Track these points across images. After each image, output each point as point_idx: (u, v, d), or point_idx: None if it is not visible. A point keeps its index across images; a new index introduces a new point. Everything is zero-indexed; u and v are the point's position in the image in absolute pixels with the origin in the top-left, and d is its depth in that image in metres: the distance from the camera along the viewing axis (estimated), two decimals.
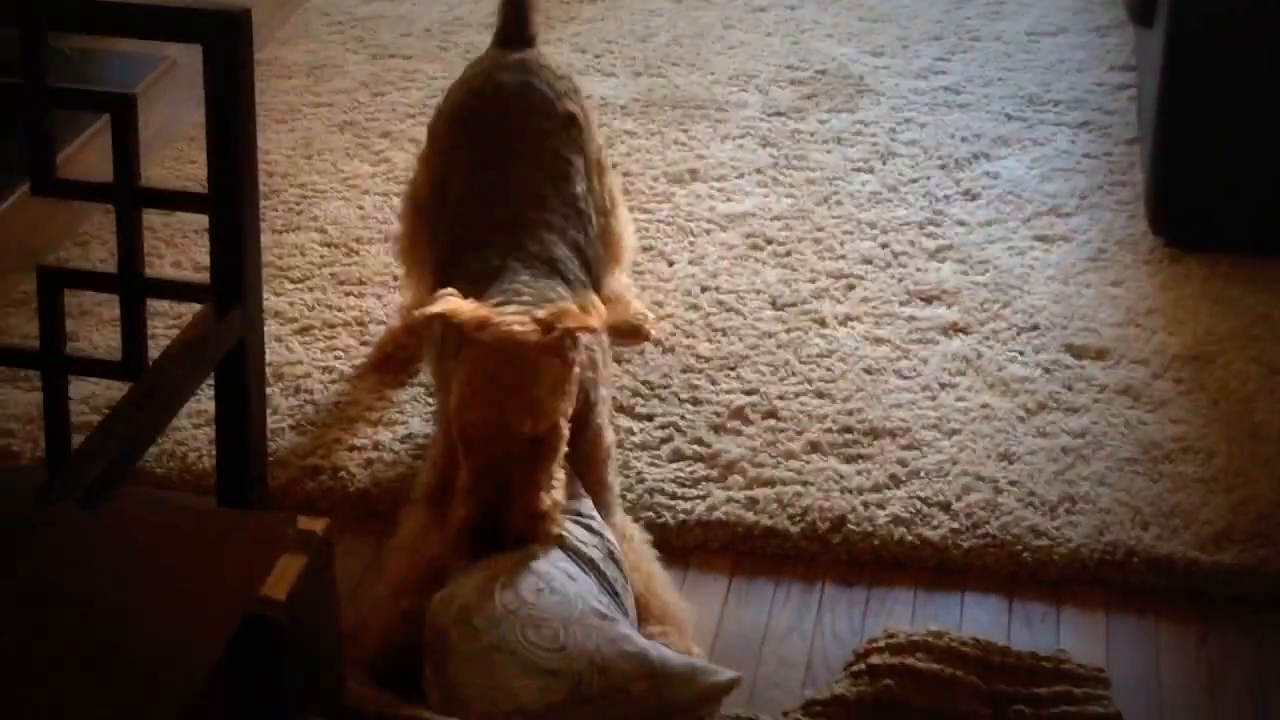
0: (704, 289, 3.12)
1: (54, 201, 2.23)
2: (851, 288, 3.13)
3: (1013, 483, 2.60)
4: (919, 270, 3.18)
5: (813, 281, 3.14)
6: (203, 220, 1.93)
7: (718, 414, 2.77)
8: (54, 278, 1.82)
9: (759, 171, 3.52)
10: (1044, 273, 3.16)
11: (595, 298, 2.29)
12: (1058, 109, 3.75)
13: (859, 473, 2.63)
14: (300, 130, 3.71)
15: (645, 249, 3.25)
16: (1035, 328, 2.99)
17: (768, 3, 4.31)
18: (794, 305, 3.07)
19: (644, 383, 2.84)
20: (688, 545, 2.54)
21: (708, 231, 3.31)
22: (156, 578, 1.26)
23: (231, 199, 1.71)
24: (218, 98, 1.70)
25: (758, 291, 3.11)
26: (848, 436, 2.72)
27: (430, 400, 2.78)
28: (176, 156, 3.58)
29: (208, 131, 1.72)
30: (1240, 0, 3.02)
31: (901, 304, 3.08)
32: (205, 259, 2.13)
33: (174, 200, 1.87)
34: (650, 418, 2.77)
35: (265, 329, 2.93)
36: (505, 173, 2.60)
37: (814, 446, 2.70)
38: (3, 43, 1.84)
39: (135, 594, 1.24)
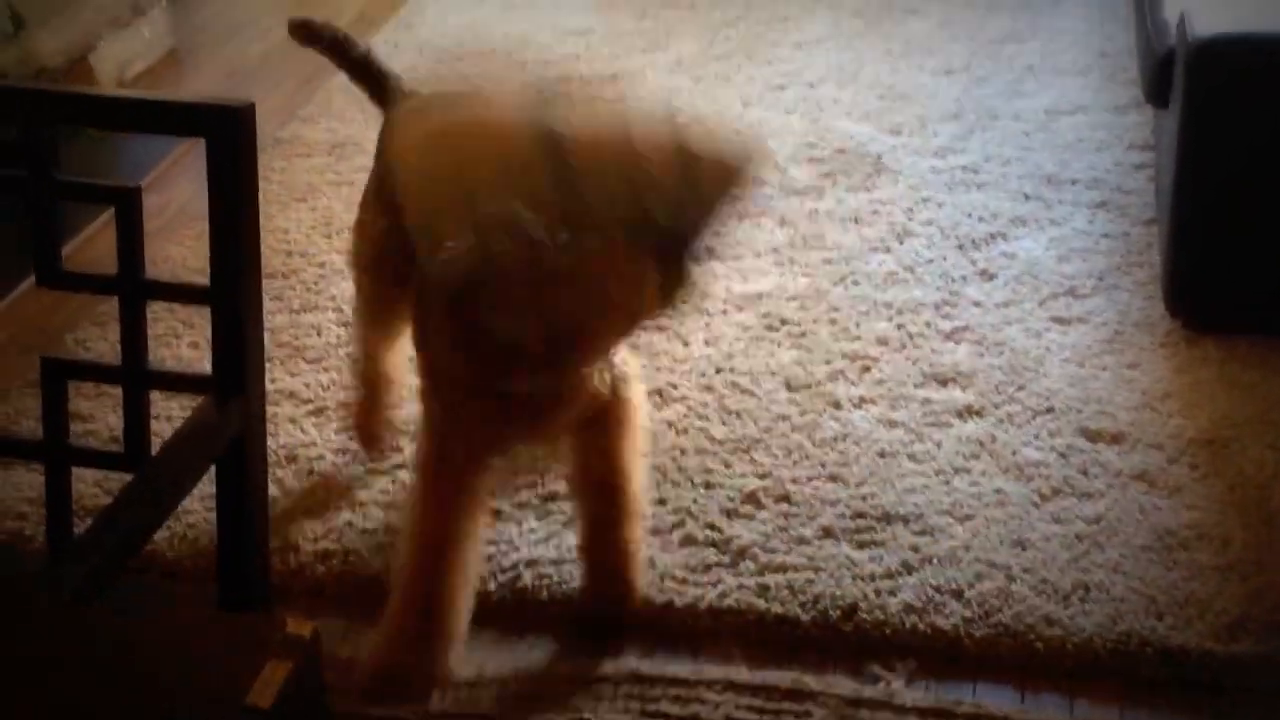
0: (719, 370, 3.12)
1: None
2: (866, 369, 3.12)
3: (1026, 570, 2.58)
4: (934, 352, 3.17)
5: (828, 363, 3.13)
6: None
7: (730, 498, 2.76)
8: (58, 368, 1.83)
9: (775, 251, 3.53)
10: (1060, 355, 3.15)
11: None
12: (1075, 189, 3.75)
13: (871, 559, 2.62)
14: (320, 209, 3.73)
15: (658, 329, 3.25)
16: (1050, 411, 2.98)
17: (786, 81, 4.33)
18: (808, 387, 3.06)
19: (656, 467, 2.83)
20: (698, 631, 2.52)
21: (724, 312, 3.31)
22: (142, 680, 1.26)
23: (233, 292, 1.72)
24: (220, 191, 1.71)
25: (772, 373, 3.10)
26: (860, 522, 2.70)
27: None
28: (198, 235, 3.60)
29: (210, 224, 1.73)
30: (1256, 81, 3.02)
31: (916, 386, 3.06)
32: None
33: (177, 293, 1.87)
34: (663, 502, 2.76)
35: (279, 410, 2.96)
36: None
37: (826, 532, 2.68)
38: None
39: (119, 697, 1.24)
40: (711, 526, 2.70)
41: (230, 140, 1.69)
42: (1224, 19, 3.05)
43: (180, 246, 3.56)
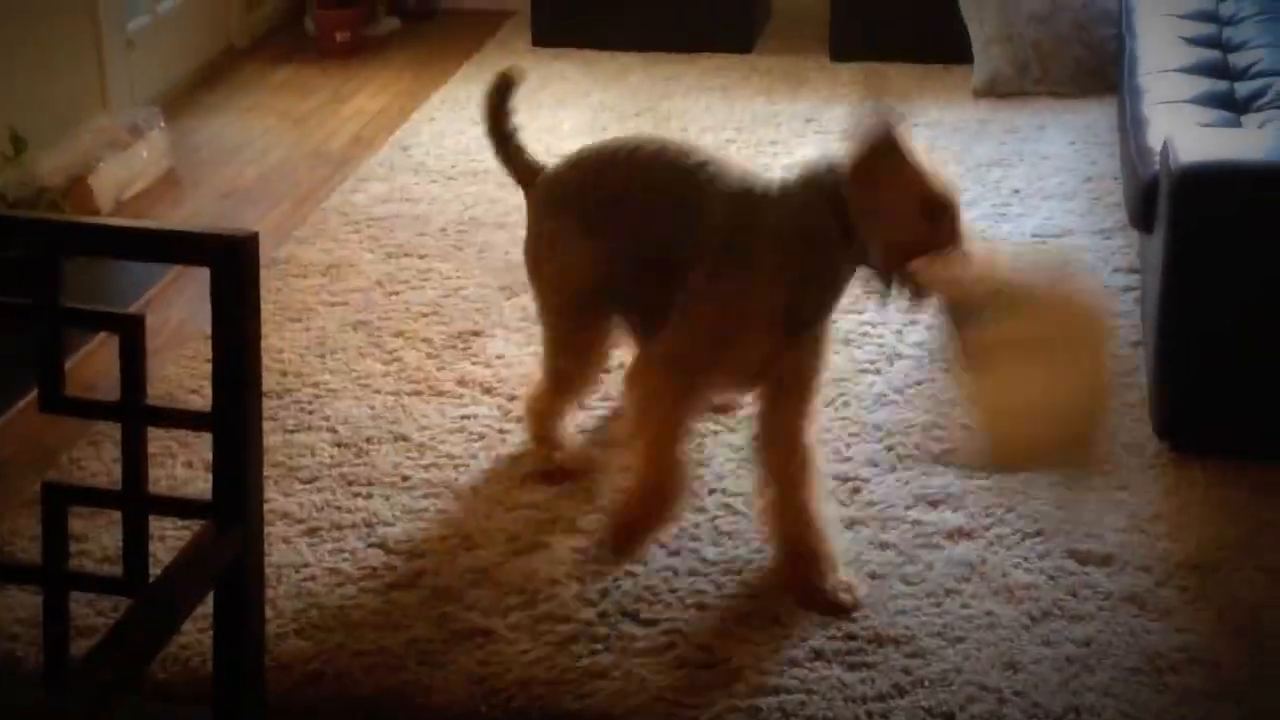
0: (711, 491, 3.14)
1: None
2: (857, 491, 3.14)
3: (1017, 693, 2.59)
4: (924, 474, 3.19)
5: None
6: None
7: (723, 620, 2.77)
8: (59, 493, 1.85)
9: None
10: (1048, 477, 3.16)
11: None
12: None
13: (863, 681, 2.62)
14: (315, 329, 3.77)
15: None
16: (1040, 533, 2.99)
17: None
18: (799, 508, 3.07)
19: (647, 588, 2.85)
20: None
21: (714, 433, 3.34)
22: None
23: (234, 420, 1.74)
24: (223, 320, 1.74)
25: (763, 494, 3.11)
26: (852, 644, 2.71)
27: None
28: (195, 354, 3.63)
29: (213, 352, 1.76)
30: (1240, 206, 3.07)
31: (907, 508, 3.08)
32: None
33: (178, 419, 1.89)
34: (654, 623, 2.76)
35: (272, 530, 2.97)
36: None
37: (818, 654, 2.69)
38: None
39: None
40: (703, 648, 2.70)
41: (234, 270, 1.72)
42: (1207, 147, 3.12)
43: (178, 366, 3.58)
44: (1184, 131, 3.23)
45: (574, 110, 5.09)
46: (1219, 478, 3.13)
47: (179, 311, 3.86)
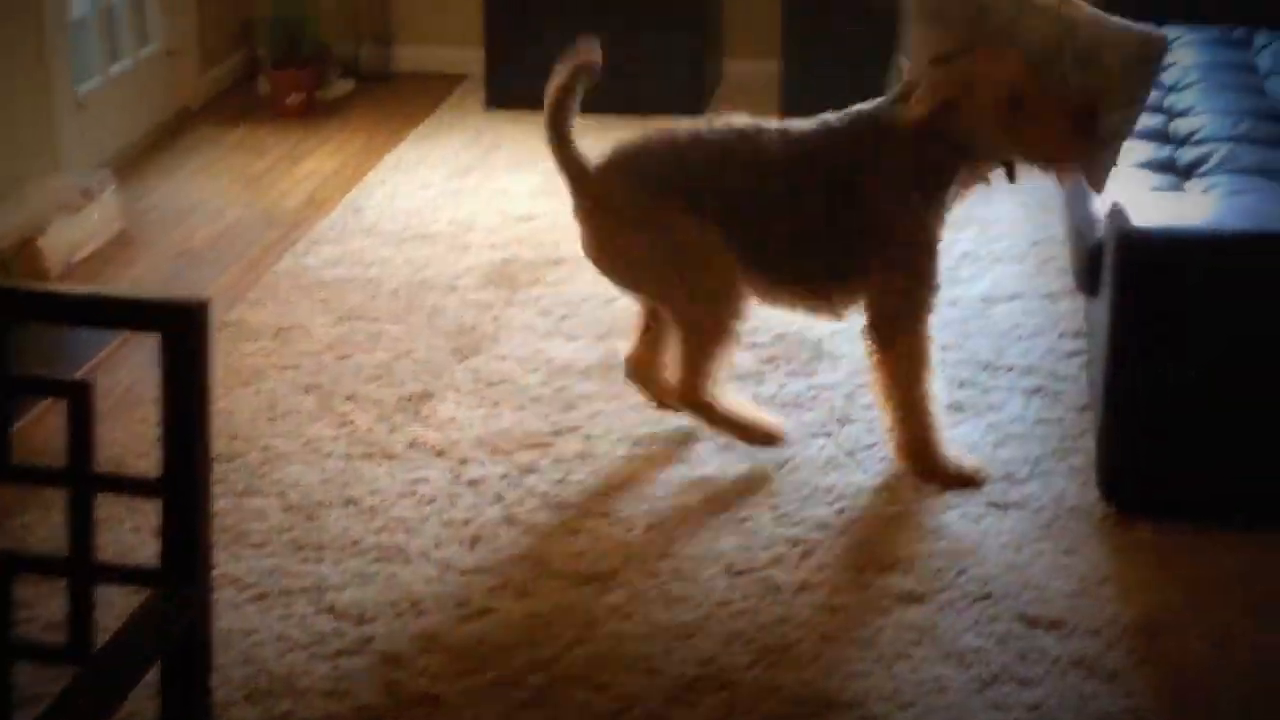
0: (661, 556, 3.14)
1: None
2: (808, 554, 3.15)
3: None
4: (875, 537, 3.20)
5: (768, 549, 3.16)
6: None
7: (673, 685, 2.77)
8: (4, 561, 1.83)
9: (717, 435, 3.57)
10: (998, 540, 3.19)
11: None
12: (1011, 375, 3.82)
13: None
14: (265, 392, 3.76)
15: (603, 514, 3.28)
16: (989, 596, 3.01)
17: None
18: (750, 572, 3.09)
19: (597, 654, 2.84)
20: None
21: (665, 496, 3.34)
22: None
23: (184, 487, 1.73)
24: (173, 386, 1.74)
25: (714, 558, 3.12)
26: (802, 709, 2.71)
27: None
28: (143, 419, 3.62)
29: (162, 418, 1.76)
30: (1182, 272, 3.10)
31: (858, 572, 3.09)
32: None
33: (127, 485, 1.89)
34: (605, 688, 2.76)
35: (220, 596, 2.96)
36: None
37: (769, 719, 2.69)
38: None
39: None
40: (654, 715, 2.70)
41: (184, 337, 1.72)
42: (1150, 213, 3.15)
43: (128, 430, 3.57)
44: (1128, 197, 3.27)
45: (528, 173, 5.12)
46: (1166, 540, 3.16)
47: (129, 374, 3.84)
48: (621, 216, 3.33)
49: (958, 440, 3.52)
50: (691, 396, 3.41)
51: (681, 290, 3.35)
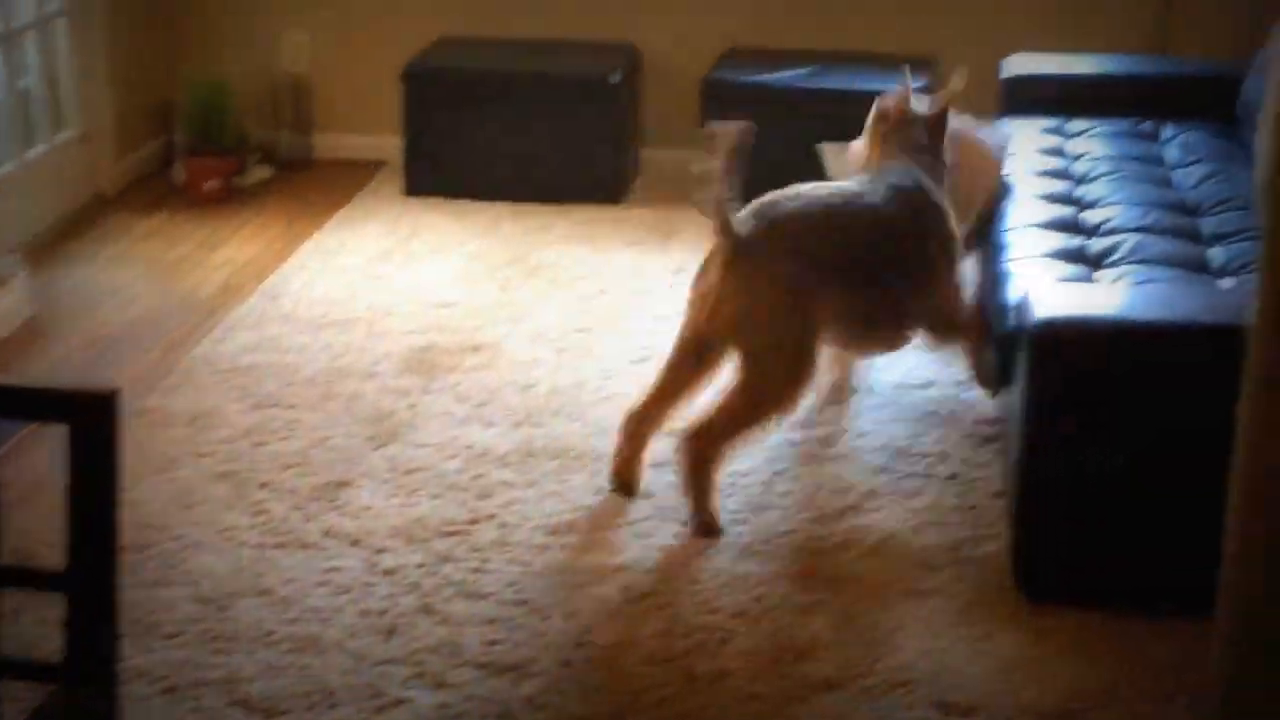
0: (579, 645, 3.12)
1: None
2: (726, 641, 3.14)
3: None
4: (793, 624, 3.20)
5: (688, 636, 3.15)
6: None
7: None
8: None
9: (635, 523, 3.56)
10: (915, 628, 3.19)
11: None
12: (926, 461, 3.84)
13: None
14: (179, 480, 3.72)
15: (520, 603, 3.26)
16: (906, 684, 3.01)
17: (646, 354, 4.41)
18: (670, 660, 3.07)
19: None
20: None
21: (583, 584, 3.33)
22: None
23: (89, 580, 1.71)
24: (81, 478, 1.72)
25: (634, 646, 3.11)
26: None
27: None
28: (51, 507, 3.55)
29: (69, 510, 1.73)
30: (1094, 361, 3.14)
31: (775, 659, 3.09)
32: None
33: (30, 579, 1.86)
34: None
35: (129, 690, 2.90)
36: None
37: None
38: None
39: None
40: None
41: (94, 427, 1.70)
42: (1062, 302, 3.20)
43: (35, 518, 3.50)
44: (1041, 287, 3.31)
45: (446, 260, 5.12)
46: (1080, 628, 3.18)
47: (35, 463, 3.78)
48: (762, 281, 3.51)
49: (874, 527, 3.54)
50: (708, 449, 3.52)
51: (780, 366, 3.51)
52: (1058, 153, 4.54)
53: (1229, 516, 1.66)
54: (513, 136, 5.66)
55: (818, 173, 5.34)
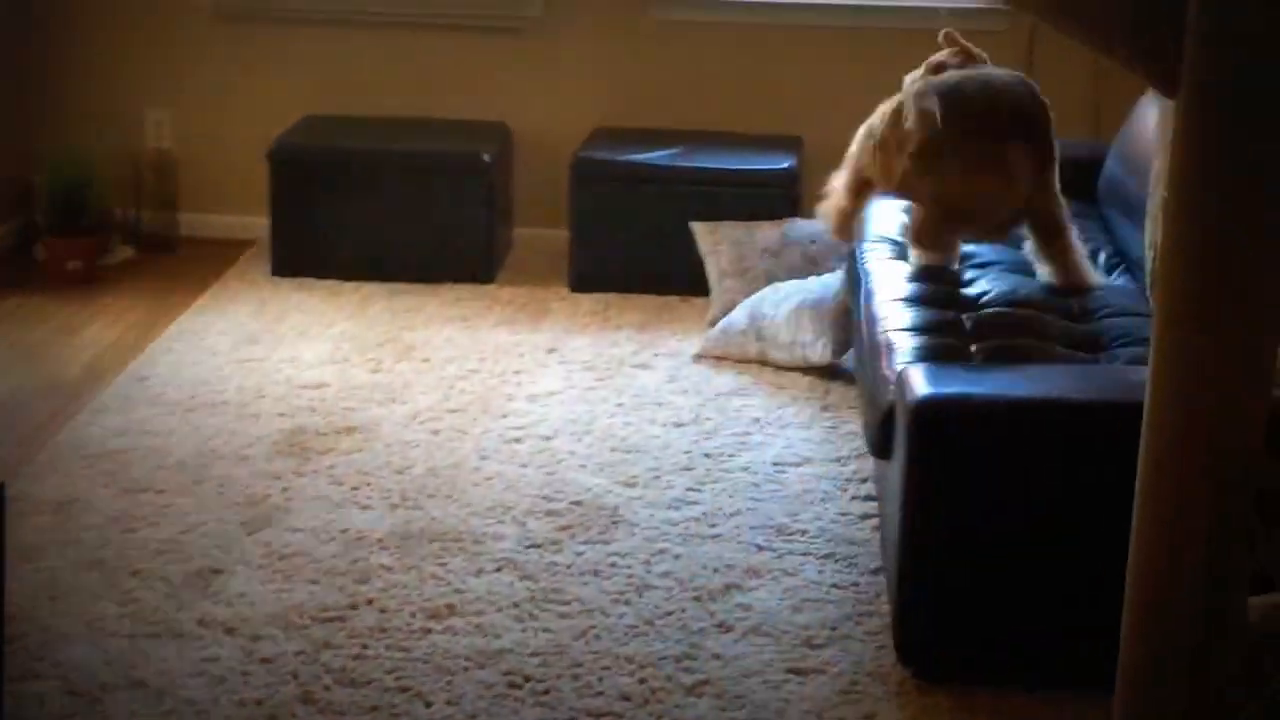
0: (519, 689, 3.09)
1: None
2: None
3: None
4: (678, 707, 3.18)
5: None
6: None
7: None
8: None
9: (516, 605, 3.53)
10: (800, 706, 3.19)
11: None
12: (805, 539, 3.86)
13: None
14: (45, 570, 3.62)
15: (402, 689, 3.21)
16: None
17: (522, 434, 4.40)
18: None
19: None
20: None
21: (465, 669, 3.29)
22: None
23: None
24: None
25: None
26: None
27: None
28: None
29: None
30: (973, 436, 3.18)
31: None
32: None
33: None
34: None
35: None
36: None
37: None
38: None
39: None
40: None
41: None
42: (940, 378, 3.23)
43: None
44: (918, 362, 3.35)
45: (315, 341, 5.06)
46: (964, 705, 3.19)
47: None
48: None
49: (756, 606, 3.54)
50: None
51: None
52: None
53: (1128, 589, 1.68)
54: (383, 216, 5.64)
55: (689, 250, 5.40)
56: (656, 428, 4.47)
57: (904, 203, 4.41)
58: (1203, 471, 1.57)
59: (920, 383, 3.21)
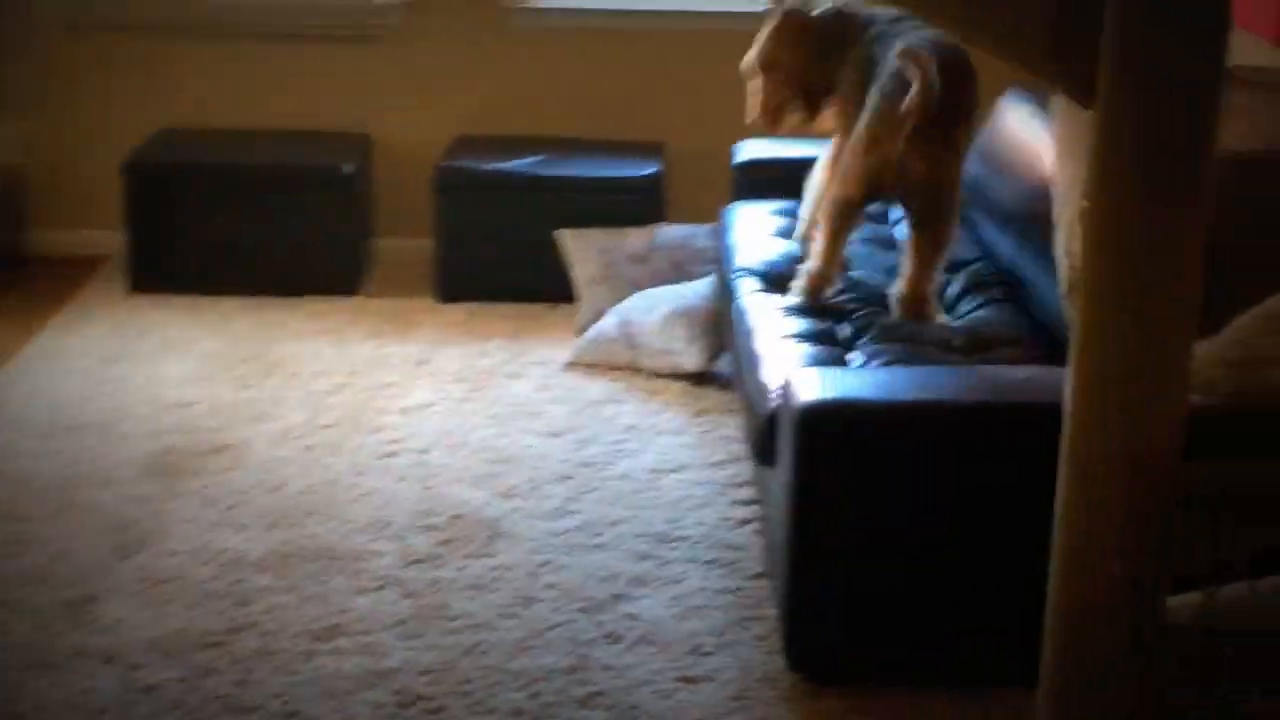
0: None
1: None
2: None
3: None
4: (571, 719, 3.17)
5: None
6: None
7: None
8: None
9: (402, 623, 3.49)
10: (691, 714, 3.20)
11: None
12: (686, 546, 3.86)
13: None
14: None
15: (290, 714, 3.15)
16: None
17: (396, 448, 4.35)
18: None
19: None
20: None
21: (354, 691, 3.24)
22: None
23: None
24: None
25: None
26: None
27: None
28: None
29: None
30: (859, 441, 3.20)
31: None
32: None
33: None
34: None
35: None
36: None
37: None
38: None
39: None
40: None
41: None
42: (825, 385, 3.25)
43: None
44: (801, 369, 3.37)
45: (179, 359, 4.96)
46: (855, 706, 3.22)
47: None
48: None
49: (643, 615, 3.54)
50: (925, 306, 3.94)
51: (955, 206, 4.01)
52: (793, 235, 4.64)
53: (1050, 593, 1.70)
54: (242, 229, 5.54)
55: (556, 258, 5.38)
56: (532, 438, 4.44)
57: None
58: (1124, 473, 1.60)
59: (805, 388, 3.22)
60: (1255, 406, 1.80)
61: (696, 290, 4.95)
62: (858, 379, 3.35)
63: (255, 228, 5.56)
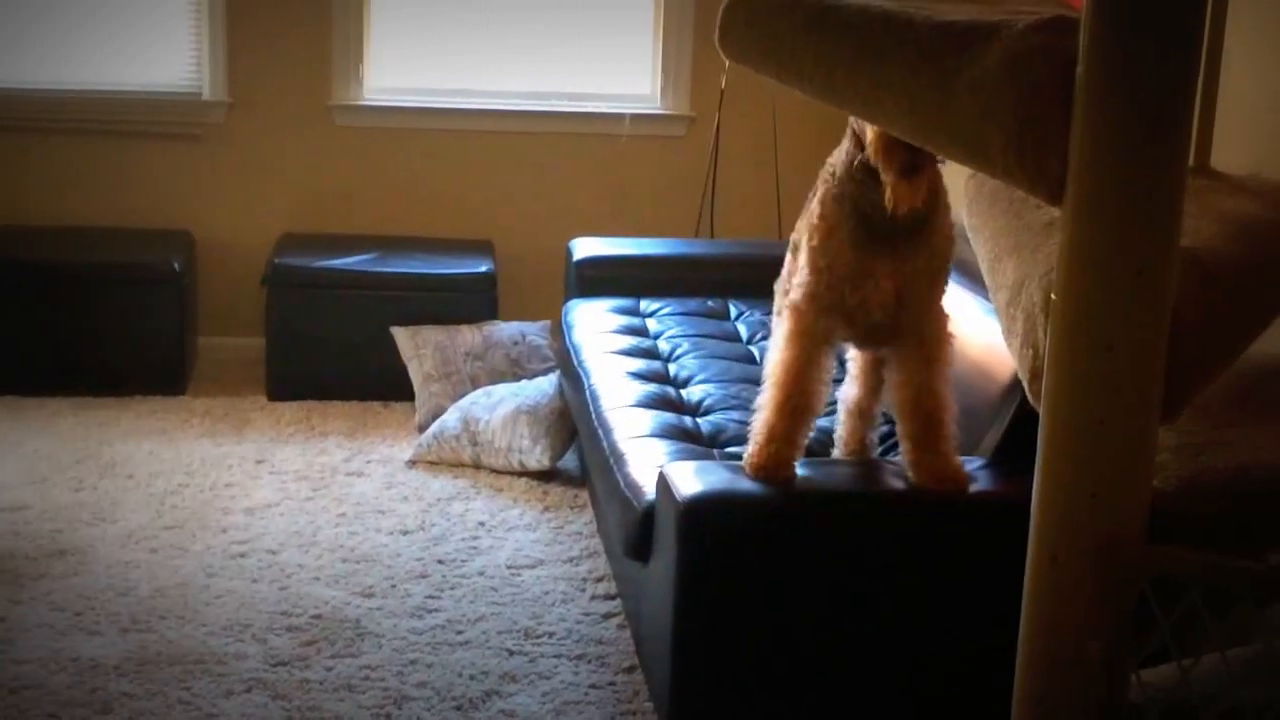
0: None
1: None
2: None
3: None
4: None
5: None
6: None
7: None
8: None
9: None
10: None
11: None
12: (554, 641, 3.87)
13: None
14: None
15: None
16: None
17: (245, 549, 4.28)
18: None
19: None
20: None
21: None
22: None
23: None
24: None
25: None
26: None
27: None
28: None
29: None
30: (740, 533, 3.23)
31: None
32: None
33: None
34: None
35: None
36: None
37: None
38: None
39: None
40: None
41: None
42: (704, 479, 3.29)
43: None
44: (677, 465, 3.41)
45: (7, 461, 4.81)
46: None
47: None
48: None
49: (519, 711, 3.53)
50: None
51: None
52: (639, 332, 4.72)
53: (1017, 680, 1.77)
54: (65, 327, 5.43)
55: (389, 355, 5.38)
56: (383, 536, 4.41)
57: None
58: (1092, 562, 1.68)
59: (685, 482, 3.27)
60: (1197, 492, 1.90)
61: (539, 388, 4.98)
62: (733, 471, 3.41)
63: (78, 326, 5.45)
